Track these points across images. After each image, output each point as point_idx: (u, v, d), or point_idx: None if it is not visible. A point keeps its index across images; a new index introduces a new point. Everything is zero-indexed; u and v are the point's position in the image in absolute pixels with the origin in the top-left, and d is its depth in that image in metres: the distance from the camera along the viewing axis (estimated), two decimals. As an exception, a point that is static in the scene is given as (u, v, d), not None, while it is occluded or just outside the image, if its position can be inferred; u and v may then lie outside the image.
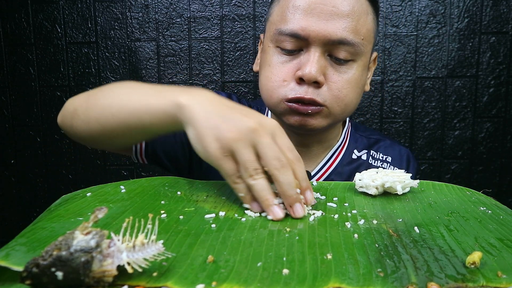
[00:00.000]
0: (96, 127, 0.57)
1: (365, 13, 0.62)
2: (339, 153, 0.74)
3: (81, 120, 0.58)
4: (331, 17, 0.59)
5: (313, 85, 0.60)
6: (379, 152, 0.77)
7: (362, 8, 0.61)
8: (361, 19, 0.61)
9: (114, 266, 0.27)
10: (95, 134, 0.58)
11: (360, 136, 0.78)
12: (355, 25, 0.60)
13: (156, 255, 0.29)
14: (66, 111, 0.63)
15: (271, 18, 0.65)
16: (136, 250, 0.28)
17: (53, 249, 0.27)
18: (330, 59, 0.62)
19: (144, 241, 0.29)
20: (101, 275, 0.27)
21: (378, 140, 0.79)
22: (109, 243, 0.28)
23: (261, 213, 0.42)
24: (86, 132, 0.59)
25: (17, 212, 1.38)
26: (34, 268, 0.26)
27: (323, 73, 0.60)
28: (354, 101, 0.65)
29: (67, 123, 0.62)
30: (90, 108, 0.57)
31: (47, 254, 0.26)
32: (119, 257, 0.27)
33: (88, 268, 0.26)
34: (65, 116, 0.63)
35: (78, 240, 0.27)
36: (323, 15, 0.59)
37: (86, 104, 0.59)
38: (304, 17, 0.59)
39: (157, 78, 1.28)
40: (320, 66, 0.60)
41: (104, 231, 0.28)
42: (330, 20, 0.59)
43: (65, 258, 0.26)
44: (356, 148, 0.76)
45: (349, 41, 0.59)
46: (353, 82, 0.63)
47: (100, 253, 0.27)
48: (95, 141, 0.60)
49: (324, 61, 0.61)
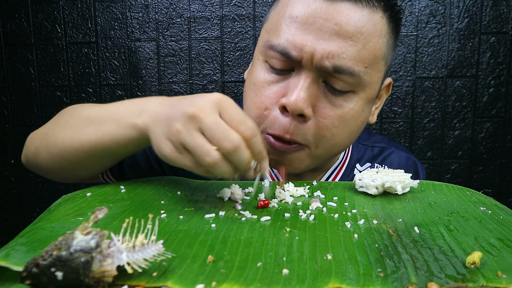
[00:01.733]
0: (62, 162, 0.54)
1: (377, 35, 0.51)
2: (338, 172, 0.67)
3: (45, 158, 0.56)
4: (331, 37, 0.49)
5: (297, 118, 0.51)
6: (384, 165, 0.69)
7: (375, 29, 0.50)
8: (370, 42, 0.50)
9: (114, 266, 0.27)
10: (63, 168, 0.55)
11: (363, 146, 0.71)
12: (358, 50, 0.49)
13: (156, 256, 0.29)
14: (28, 151, 0.60)
15: (266, 24, 0.57)
16: (136, 250, 0.28)
17: (53, 249, 0.27)
18: (325, 86, 0.52)
19: (144, 242, 0.29)
20: (101, 275, 0.27)
21: (383, 150, 0.70)
22: (109, 243, 0.28)
23: (260, 212, 0.42)
24: (52, 168, 0.56)
25: (17, 212, 1.38)
26: (34, 268, 0.26)
27: (312, 104, 0.51)
28: (345, 141, 0.56)
29: (32, 162, 0.59)
30: (51, 145, 0.54)
31: (47, 254, 0.26)
32: (119, 257, 0.27)
33: (88, 268, 0.26)
34: (28, 156, 0.60)
35: (78, 240, 0.27)
36: (322, 33, 0.49)
37: (46, 141, 0.56)
38: (300, 33, 0.50)
39: (157, 78, 1.28)
40: (309, 96, 0.50)
41: (104, 231, 0.28)
42: (329, 41, 0.49)
43: (65, 258, 0.26)
44: (359, 162, 0.69)
45: (347, 69, 0.49)
46: (348, 119, 0.53)
47: (100, 253, 0.27)
48: (64, 174, 0.58)
49: (316, 90, 0.51)
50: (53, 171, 0.57)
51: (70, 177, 0.59)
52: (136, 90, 1.29)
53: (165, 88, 1.29)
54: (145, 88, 1.29)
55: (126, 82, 1.29)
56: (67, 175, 0.58)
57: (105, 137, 0.49)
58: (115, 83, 1.29)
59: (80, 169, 0.55)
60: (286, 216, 0.42)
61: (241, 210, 0.43)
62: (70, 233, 0.28)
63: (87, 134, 0.50)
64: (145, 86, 1.29)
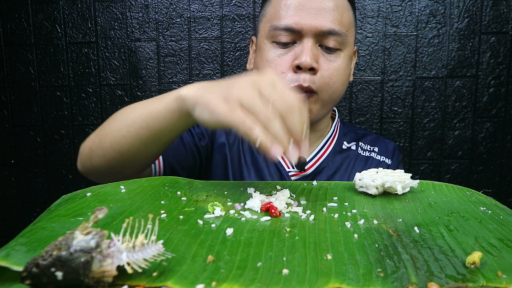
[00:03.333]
0: (113, 154, 0.58)
1: (346, 8, 0.70)
2: (331, 142, 0.81)
3: (98, 156, 0.60)
4: (319, 11, 0.67)
5: (309, 72, 0.67)
6: (367, 144, 0.83)
7: (344, 4, 0.70)
8: (344, 13, 0.69)
9: (114, 266, 0.27)
10: (114, 162, 0.59)
11: (348, 131, 0.86)
12: (340, 18, 0.68)
13: (156, 256, 0.29)
14: (82, 155, 0.65)
15: (264, 18, 0.73)
16: (136, 250, 0.28)
17: (53, 249, 0.27)
18: (321, 49, 0.69)
19: (144, 242, 0.29)
20: (101, 275, 0.27)
21: (365, 134, 0.86)
22: (109, 243, 0.28)
23: (261, 213, 0.42)
24: (105, 164, 0.60)
25: (17, 212, 1.38)
26: (34, 268, 0.26)
27: (316, 61, 0.67)
28: (340, 88, 0.72)
29: (87, 165, 0.64)
30: (102, 141, 0.59)
31: (47, 254, 0.26)
32: (119, 257, 0.27)
33: (88, 268, 0.26)
34: (83, 160, 0.64)
35: (78, 240, 0.27)
36: (312, 10, 0.67)
37: (98, 140, 0.61)
38: (296, 13, 0.67)
39: (157, 78, 1.28)
40: (313, 54, 0.67)
41: (104, 231, 0.28)
42: (319, 14, 0.67)
43: (65, 258, 0.26)
44: (345, 140, 0.83)
45: (337, 31, 0.68)
46: (341, 70, 0.70)
47: (100, 253, 0.27)
48: (117, 169, 0.61)
49: (316, 50, 0.68)
50: (107, 169, 0.61)
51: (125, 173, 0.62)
52: (136, 90, 1.29)
53: (165, 88, 1.28)
54: (145, 88, 1.29)
55: (126, 82, 1.29)
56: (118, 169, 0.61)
57: (150, 116, 0.54)
58: (115, 83, 1.29)
59: (129, 160, 0.59)
60: (286, 216, 0.42)
61: (241, 210, 0.43)
62: (70, 233, 0.28)
63: (132, 119, 0.56)
64: (145, 86, 1.29)
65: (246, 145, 0.78)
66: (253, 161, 0.77)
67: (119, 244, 0.28)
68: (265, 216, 0.41)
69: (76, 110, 1.28)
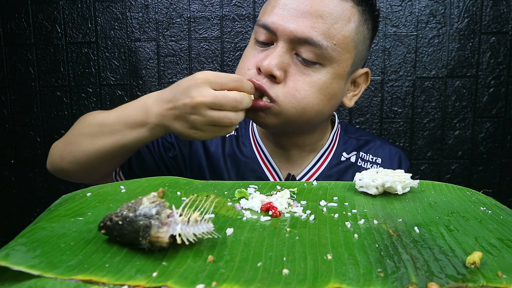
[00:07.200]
0: (83, 166, 0.64)
1: (346, 19, 0.59)
2: (327, 157, 0.72)
3: (69, 163, 0.65)
4: (302, 14, 0.58)
5: (269, 78, 0.59)
6: (369, 154, 0.74)
7: (343, 14, 0.59)
8: (338, 23, 0.58)
9: (167, 234, 0.31)
10: (85, 170, 0.65)
11: (349, 138, 0.76)
12: (327, 27, 0.58)
13: (205, 233, 0.32)
14: (53, 158, 0.69)
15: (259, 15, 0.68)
16: (189, 224, 0.32)
17: (124, 209, 0.32)
18: (296, 57, 0.60)
19: (198, 219, 0.33)
20: (155, 240, 0.31)
21: (368, 141, 0.76)
22: (169, 214, 0.32)
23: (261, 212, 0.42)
24: (76, 171, 0.66)
25: (17, 212, 1.38)
26: (108, 222, 0.32)
27: (284, 69, 0.59)
28: (315, 108, 0.61)
29: (57, 167, 0.68)
30: (74, 152, 0.64)
31: (120, 212, 0.32)
32: (174, 227, 0.32)
33: (147, 231, 0.30)
34: (53, 162, 0.69)
35: (143, 206, 0.32)
36: (295, 11, 0.58)
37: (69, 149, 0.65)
38: (277, 12, 0.59)
39: (157, 78, 1.28)
40: (281, 62, 0.58)
41: (166, 202, 0.33)
42: (299, 17, 0.58)
43: (130, 219, 0.31)
44: (345, 150, 0.74)
45: (315, 41, 0.57)
46: (317, 87, 0.60)
47: (159, 221, 0.31)
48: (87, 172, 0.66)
49: (288, 58, 0.59)
50: (76, 174, 0.67)
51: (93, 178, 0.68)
52: (136, 90, 1.29)
53: (165, 88, 1.29)
54: (145, 88, 1.29)
55: (126, 82, 1.29)
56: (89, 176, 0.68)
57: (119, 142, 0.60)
58: (115, 83, 1.29)
59: (100, 169, 0.66)
60: (286, 216, 0.42)
61: (241, 210, 0.43)
62: (140, 198, 0.33)
63: (102, 143, 0.61)
64: (145, 86, 1.29)
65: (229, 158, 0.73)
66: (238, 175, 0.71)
67: (177, 216, 0.32)
68: (265, 216, 0.41)
69: (76, 110, 1.28)
